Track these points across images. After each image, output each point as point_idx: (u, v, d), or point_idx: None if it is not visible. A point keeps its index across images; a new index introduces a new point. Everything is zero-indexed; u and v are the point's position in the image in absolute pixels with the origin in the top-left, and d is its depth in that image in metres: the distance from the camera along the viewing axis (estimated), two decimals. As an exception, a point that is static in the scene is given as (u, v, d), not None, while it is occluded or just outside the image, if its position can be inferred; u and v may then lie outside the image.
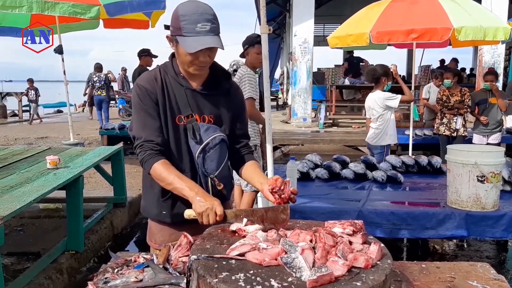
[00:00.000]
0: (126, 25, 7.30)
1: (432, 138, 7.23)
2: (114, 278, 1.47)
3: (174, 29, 1.76)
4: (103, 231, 4.64)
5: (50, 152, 4.70)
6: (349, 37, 5.95)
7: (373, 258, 1.34)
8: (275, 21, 17.83)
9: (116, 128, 8.39)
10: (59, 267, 3.65)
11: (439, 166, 4.16)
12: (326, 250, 1.35)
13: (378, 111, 5.06)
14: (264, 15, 2.64)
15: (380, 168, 4.06)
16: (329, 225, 1.55)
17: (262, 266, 1.31)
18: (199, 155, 1.82)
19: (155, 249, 1.91)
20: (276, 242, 1.43)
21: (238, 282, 1.21)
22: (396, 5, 5.82)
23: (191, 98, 1.84)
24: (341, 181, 3.93)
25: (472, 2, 6.07)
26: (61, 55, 6.45)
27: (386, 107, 5.02)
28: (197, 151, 1.81)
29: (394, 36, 5.56)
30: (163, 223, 1.92)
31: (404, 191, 3.78)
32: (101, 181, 5.91)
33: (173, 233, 1.88)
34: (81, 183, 3.88)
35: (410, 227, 3.02)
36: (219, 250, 1.43)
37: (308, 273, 1.23)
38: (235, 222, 1.61)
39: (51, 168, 3.84)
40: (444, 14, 5.42)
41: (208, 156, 1.83)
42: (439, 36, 5.33)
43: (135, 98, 1.83)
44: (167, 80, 1.84)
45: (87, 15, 5.82)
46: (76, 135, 8.79)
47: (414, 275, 1.66)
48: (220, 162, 1.86)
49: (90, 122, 13.62)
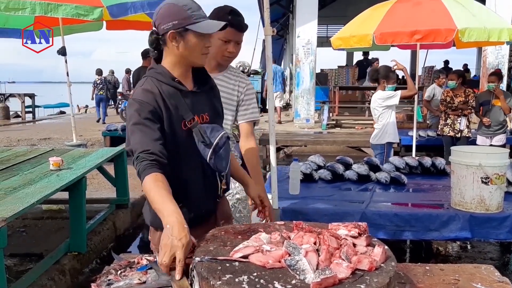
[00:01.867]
0: (129, 26, 7.32)
1: (436, 139, 7.21)
2: (117, 280, 1.46)
3: (180, 21, 1.70)
4: (105, 232, 4.64)
5: (53, 153, 4.71)
6: (353, 38, 5.94)
7: (377, 260, 1.33)
8: (278, 22, 17.85)
9: (118, 129, 8.41)
10: (61, 268, 3.65)
11: (442, 167, 4.15)
12: (330, 253, 1.34)
13: (378, 111, 5.14)
14: (268, 17, 2.64)
15: (383, 169, 4.05)
16: (333, 227, 1.55)
17: (266, 268, 1.30)
18: (211, 157, 1.78)
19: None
20: (279, 244, 1.42)
21: (241, 284, 1.21)
22: (400, 6, 5.80)
23: (188, 100, 1.79)
24: (344, 183, 3.93)
25: (476, 3, 6.05)
26: (64, 56, 6.47)
27: (386, 107, 5.09)
28: (209, 153, 1.77)
29: (397, 37, 5.55)
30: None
31: (408, 192, 3.77)
32: (103, 182, 5.91)
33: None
34: (84, 184, 3.88)
35: (413, 228, 3.01)
36: (222, 252, 1.42)
37: (312, 275, 1.23)
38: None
39: (54, 170, 3.84)
40: (448, 15, 5.41)
41: (218, 156, 1.80)
42: (443, 37, 5.31)
43: (131, 112, 1.71)
44: (162, 88, 1.75)
45: (90, 17, 5.84)
46: (78, 136, 8.81)
47: (418, 277, 1.65)
48: (228, 159, 1.87)
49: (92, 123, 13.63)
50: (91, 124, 13.03)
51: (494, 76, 6.49)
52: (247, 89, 2.44)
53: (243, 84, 2.44)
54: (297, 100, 11.97)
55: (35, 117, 16.70)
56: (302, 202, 3.23)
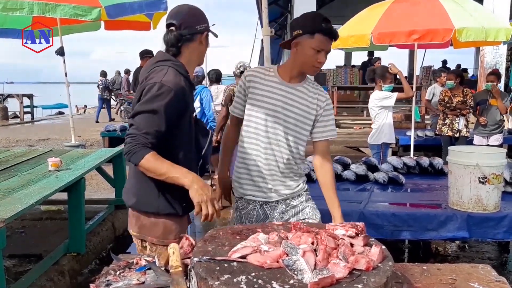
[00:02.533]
0: (128, 26, 7.31)
1: (434, 139, 7.23)
2: (116, 281, 1.47)
3: (207, 24, 1.98)
4: (104, 233, 4.64)
5: (51, 154, 4.71)
6: (351, 38, 5.95)
7: (375, 260, 1.34)
8: (276, 22, 17.84)
9: (117, 129, 8.40)
10: (60, 269, 3.65)
11: (440, 167, 4.16)
12: (327, 253, 1.35)
13: (375, 110, 5.18)
14: (266, 17, 2.65)
15: (381, 169, 4.06)
16: (331, 227, 1.56)
17: (264, 269, 1.31)
18: (208, 146, 2.06)
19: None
20: (277, 245, 1.43)
21: (239, 284, 1.22)
22: (397, 6, 5.81)
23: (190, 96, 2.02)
24: (342, 183, 3.93)
25: (474, 3, 6.07)
26: (63, 56, 6.47)
27: (382, 107, 5.12)
28: (207, 143, 2.05)
29: (395, 37, 5.56)
30: (176, 216, 1.98)
31: (406, 192, 3.78)
32: (102, 183, 5.91)
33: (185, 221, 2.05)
34: (83, 185, 3.88)
35: (411, 228, 3.03)
36: (220, 252, 1.43)
37: (309, 275, 1.23)
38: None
39: (52, 170, 3.84)
40: (446, 15, 5.42)
41: (208, 145, 2.07)
42: (440, 37, 5.33)
43: (160, 95, 1.82)
44: (182, 80, 1.90)
45: (88, 17, 5.84)
46: (77, 136, 8.81)
47: (416, 277, 1.66)
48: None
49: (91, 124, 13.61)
50: (90, 125, 13.03)
51: (493, 75, 6.50)
52: (326, 104, 2.28)
53: (323, 98, 2.28)
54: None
55: (33, 118, 16.76)
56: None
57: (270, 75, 2.22)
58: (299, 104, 2.19)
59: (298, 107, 2.20)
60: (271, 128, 2.19)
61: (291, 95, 2.20)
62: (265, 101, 2.19)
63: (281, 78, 2.20)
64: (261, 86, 2.21)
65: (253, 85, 2.22)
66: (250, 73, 2.27)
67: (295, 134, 2.23)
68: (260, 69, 2.30)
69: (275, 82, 2.20)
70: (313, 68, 2.18)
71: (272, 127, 2.19)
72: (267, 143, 2.21)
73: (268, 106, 2.18)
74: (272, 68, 2.27)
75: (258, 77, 2.22)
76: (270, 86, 2.20)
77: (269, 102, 2.19)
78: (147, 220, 1.97)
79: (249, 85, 2.23)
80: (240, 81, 2.30)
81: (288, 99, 2.19)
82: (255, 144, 2.23)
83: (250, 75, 2.25)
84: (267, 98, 2.19)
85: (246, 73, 2.29)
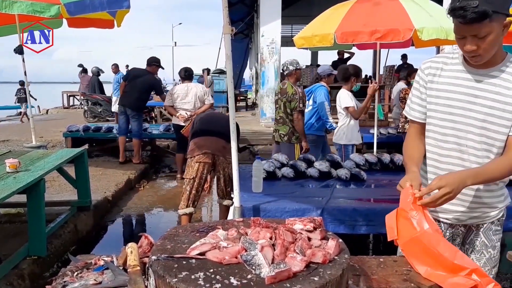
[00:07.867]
0: (91, 24, 7.16)
1: (396, 136, 7.40)
2: (72, 281, 1.44)
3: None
4: (66, 235, 4.53)
5: (10, 155, 4.56)
6: (315, 38, 6.01)
7: (331, 253, 1.38)
8: (243, 21, 17.84)
9: (80, 130, 8.18)
10: (20, 273, 3.55)
11: (401, 163, 4.26)
12: (285, 247, 1.37)
13: (338, 110, 5.28)
14: (226, 16, 2.65)
15: (344, 166, 4.13)
16: (290, 222, 1.58)
17: (223, 265, 1.32)
18: None
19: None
20: (236, 241, 1.44)
21: (197, 281, 1.22)
22: (360, 6, 5.92)
23: None
24: (306, 180, 3.98)
25: (433, 3, 6.24)
26: (22, 55, 6.27)
27: (343, 108, 5.24)
28: None
29: (358, 37, 5.65)
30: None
31: (367, 188, 3.86)
32: (65, 184, 5.76)
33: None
34: (43, 186, 3.78)
35: (371, 223, 3.09)
36: (179, 250, 1.43)
37: (267, 269, 1.25)
38: None
39: (10, 172, 3.73)
40: (406, 15, 5.56)
41: None
42: (401, 36, 5.46)
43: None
44: None
45: (47, 14, 5.67)
46: (39, 137, 8.56)
47: (372, 269, 1.71)
48: None
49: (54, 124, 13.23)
50: (53, 125, 12.65)
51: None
52: None
53: None
54: (262, 99, 12.01)
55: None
56: (265, 200, 3.26)
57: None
58: (492, 93, 1.83)
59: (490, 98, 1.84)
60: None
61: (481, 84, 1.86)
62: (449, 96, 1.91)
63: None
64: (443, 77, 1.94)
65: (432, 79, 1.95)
66: (427, 65, 2.00)
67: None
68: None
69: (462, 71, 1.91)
70: (469, 58, 1.86)
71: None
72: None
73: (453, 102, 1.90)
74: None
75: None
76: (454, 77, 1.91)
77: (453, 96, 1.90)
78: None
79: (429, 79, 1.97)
80: (416, 76, 2.06)
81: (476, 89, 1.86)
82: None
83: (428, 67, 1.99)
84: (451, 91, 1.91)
85: (423, 65, 2.02)
